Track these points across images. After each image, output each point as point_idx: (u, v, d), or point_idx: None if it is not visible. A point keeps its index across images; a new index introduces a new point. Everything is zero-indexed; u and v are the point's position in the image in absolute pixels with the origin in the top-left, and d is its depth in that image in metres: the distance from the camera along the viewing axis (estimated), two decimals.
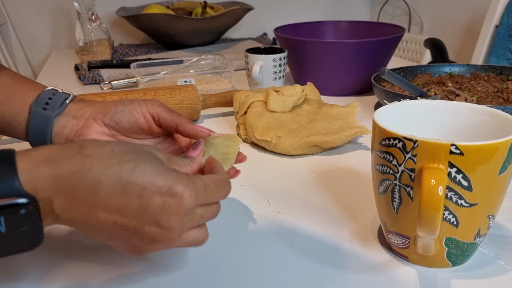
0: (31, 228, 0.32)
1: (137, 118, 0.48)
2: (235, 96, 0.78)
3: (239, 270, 0.43)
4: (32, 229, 0.32)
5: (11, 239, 0.32)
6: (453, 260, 0.42)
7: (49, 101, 0.49)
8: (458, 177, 0.38)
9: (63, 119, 0.49)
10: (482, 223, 0.41)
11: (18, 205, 0.31)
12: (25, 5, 1.56)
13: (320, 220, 0.51)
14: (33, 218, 0.32)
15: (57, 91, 0.51)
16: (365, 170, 0.63)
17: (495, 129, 0.43)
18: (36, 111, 0.49)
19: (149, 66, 1.05)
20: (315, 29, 1.17)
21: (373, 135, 0.43)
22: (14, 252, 0.33)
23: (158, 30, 1.38)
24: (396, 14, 1.90)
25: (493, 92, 0.84)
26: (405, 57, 1.70)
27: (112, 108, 0.48)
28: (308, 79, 0.97)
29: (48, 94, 0.50)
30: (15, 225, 0.31)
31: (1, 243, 0.32)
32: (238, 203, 0.55)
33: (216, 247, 0.47)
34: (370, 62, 0.96)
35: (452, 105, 0.47)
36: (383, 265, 0.44)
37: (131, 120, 0.48)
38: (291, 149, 0.67)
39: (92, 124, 0.48)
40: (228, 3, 1.62)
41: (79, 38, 1.32)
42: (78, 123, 0.49)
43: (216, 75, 1.04)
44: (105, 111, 0.48)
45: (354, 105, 0.75)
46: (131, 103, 0.48)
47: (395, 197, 0.41)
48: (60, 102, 0.49)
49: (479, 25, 1.38)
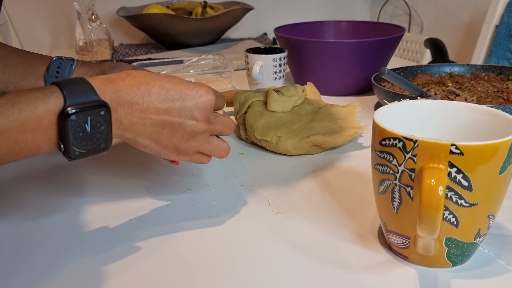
0: (105, 129, 0.42)
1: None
2: (235, 96, 0.78)
3: (239, 270, 0.43)
4: (106, 130, 0.42)
5: (93, 137, 0.42)
6: (453, 260, 0.42)
7: (58, 69, 0.60)
8: (458, 177, 0.38)
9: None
10: (482, 223, 0.41)
11: (99, 107, 0.41)
12: (25, 5, 1.56)
13: (320, 220, 0.51)
14: (107, 119, 0.42)
15: (62, 59, 0.62)
16: (365, 170, 0.63)
17: (495, 129, 0.43)
18: (49, 80, 0.60)
19: (149, 66, 1.05)
20: (315, 29, 1.17)
21: (373, 135, 0.43)
22: (94, 151, 0.42)
23: (158, 30, 1.38)
24: (396, 14, 1.90)
25: (493, 92, 0.84)
26: (405, 57, 1.70)
27: (107, 71, 0.60)
28: (308, 79, 0.96)
29: (57, 63, 0.61)
30: (96, 124, 0.41)
31: (86, 140, 0.41)
32: (238, 203, 0.55)
33: (216, 247, 0.47)
34: (370, 62, 0.96)
35: (452, 105, 0.47)
36: (383, 265, 0.44)
37: None
38: (291, 149, 0.67)
39: None
40: (228, 3, 1.62)
41: (79, 38, 1.32)
42: None
43: (216, 75, 1.04)
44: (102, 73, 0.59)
45: (354, 105, 0.75)
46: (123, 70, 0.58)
47: (395, 197, 0.41)
48: (67, 68, 0.61)
49: (479, 25, 1.38)
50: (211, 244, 0.47)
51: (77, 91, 0.41)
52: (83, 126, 0.41)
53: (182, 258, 0.45)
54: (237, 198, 0.56)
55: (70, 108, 0.39)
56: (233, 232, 0.50)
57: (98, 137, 0.42)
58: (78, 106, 0.40)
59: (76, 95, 0.40)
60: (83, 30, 1.31)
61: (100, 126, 0.42)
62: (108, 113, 0.42)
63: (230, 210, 0.54)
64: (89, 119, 0.41)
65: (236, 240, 0.48)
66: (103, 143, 0.43)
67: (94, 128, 0.41)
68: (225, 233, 0.49)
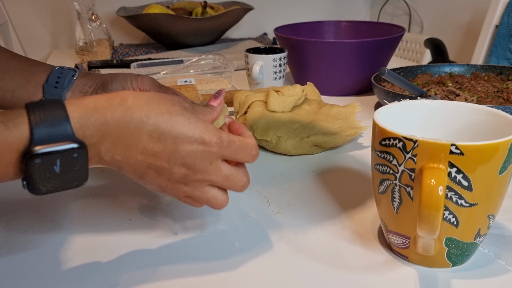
0: (80, 168, 0.37)
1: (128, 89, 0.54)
2: (235, 96, 0.78)
3: (239, 270, 0.43)
4: (81, 169, 0.37)
5: (64, 177, 0.37)
6: (453, 260, 0.42)
7: (58, 79, 0.55)
8: (458, 177, 0.38)
9: (71, 94, 0.55)
10: (482, 223, 0.41)
11: (72, 149, 0.36)
12: (25, 5, 1.56)
13: (320, 220, 0.51)
14: (83, 160, 0.37)
15: (64, 70, 0.56)
16: (365, 170, 0.63)
17: (495, 129, 0.43)
18: (48, 90, 0.54)
19: (149, 66, 1.05)
20: (315, 29, 1.17)
21: (373, 135, 0.43)
22: (64, 188, 0.37)
23: (158, 30, 1.38)
24: (396, 14, 1.90)
25: (493, 92, 0.84)
26: (405, 57, 1.70)
27: (108, 84, 0.54)
28: (308, 79, 0.96)
29: (57, 73, 0.55)
30: (68, 166, 0.36)
31: (55, 180, 0.36)
32: (238, 203, 0.55)
33: (216, 247, 0.47)
34: (370, 62, 0.96)
35: (452, 105, 0.47)
36: (383, 265, 0.44)
37: None
38: (291, 149, 0.67)
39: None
40: (228, 3, 1.62)
41: (79, 38, 1.32)
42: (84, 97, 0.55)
43: (216, 75, 1.04)
44: (104, 86, 0.54)
45: (354, 105, 0.75)
46: (125, 80, 0.54)
47: (395, 197, 0.41)
48: (68, 79, 0.55)
49: (479, 25, 1.38)
50: (211, 244, 0.47)
51: (49, 125, 0.35)
52: (51, 168, 0.35)
53: (182, 258, 0.45)
54: (237, 198, 0.56)
55: (36, 148, 0.34)
56: (233, 232, 0.50)
57: (70, 177, 0.37)
58: (45, 145, 0.34)
59: (46, 131, 0.35)
60: (83, 30, 1.31)
61: (72, 167, 0.36)
62: (84, 153, 0.36)
63: (230, 210, 0.54)
64: (59, 161, 0.35)
65: (236, 240, 0.48)
66: (76, 181, 0.38)
67: (65, 169, 0.36)
68: (225, 233, 0.49)
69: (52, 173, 0.36)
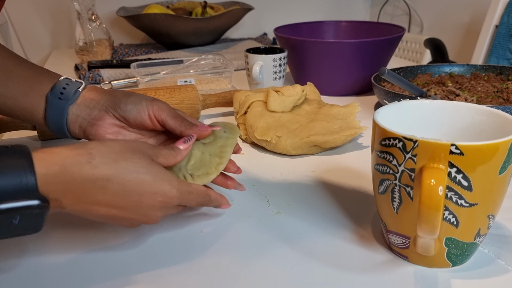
0: (38, 221, 0.37)
1: (144, 119, 0.51)
2: (235, 96, 0.78)
3: (239, 270, 0.43)
4: (38, 223, 0.37)
5: (21, 228, 0.36)
6: (453, 260, 0.42)
7: (63, 90, 0.52)
8: (458, 177, 0.38)
9: (77, 108, 0.52)
10: (482, 223, 0.41)
11: (34, 207, 0.35)
12: (25, 5, 1.56)
13: (320, 220, 0.51)
14: (43, 214, 0.37)
15: (70, 81, 0.53)
16: (365, 170, 0.63)
17: (495, 129, 0.43)
18: (52, 101, 0.52)
19: (149, 66, 1.05)
20: (315, 29, 1.17)
21: (373, 135, 0.43)
22: (19, 235, 0.37)
23: (158, 30, 1.38)
24: (396, 14, 1.90)
25: (493, 92, 0.84)
26: (405, 57, 1.70)
27: (121, 104, 0.51)
28: (308, 79, 0.96)
29: (62, 84, 0.52)
30: (27, 220, 0.36)
31: (12, 230, 0.36)
32: (238, 203, 0.55)
33: (216, 247, 0.47)
34: (370, 62, 0.96)
35: (452, 105, 0.47)
36: (383, 265, 0.44)
37: (138, 119, 0.51)
38: (291, 149, 0.67)
39: (104, 116, 0.51)
40: (228, 3, 1.62)
41: (79, 38, 1.32)
42: (90, 113, 0.52)
43: (216, 75, 1.04)
44: (115, 105, 0.51)
45: (354, 105, 0.75)
46: (140, 103, 0.51)
47: (395, 197, 0.41)
48: (73, 91, 0.52)
49: (479, 25, 1.38)
50: (211, 244, 0.47)
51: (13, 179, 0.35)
52: (9, 222, 0.35)
53: (181, 258, 0.45)
54: (237, 198, 0.56)
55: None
56: (233, 232, 0.50)
57: (27, 227, 0.36)
58: (7, 200, 0.34)
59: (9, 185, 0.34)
60: (83, 30, 1.31)
61: (31, 221, 0.36)
62: (46, 209, 0.36)
63: (230, 210, 0.54)
64: (19, 217, 0.35)
65: (236, 240, 0.48)
66: (32, 231, 0.37)
67: (23, 222, 0.36)
68: (225, 233, 0.49)
69: (9, 225, 0.35)
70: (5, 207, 0.34)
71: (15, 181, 0.35)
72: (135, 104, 0.51)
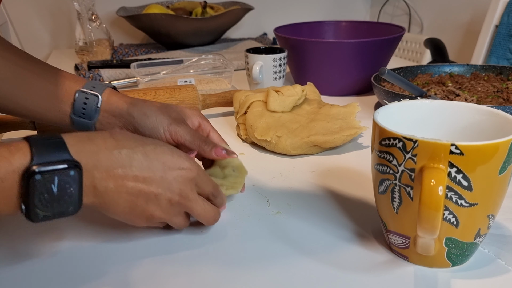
0: (75, 191, 0.38)
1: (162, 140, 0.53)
2: (235, 96, 0.78)
3: (239, 270, 0.43)
4: (75, 193, 0.39)
5: (60, 199, 0.38)
6: (453, 260, 0.42)
7: (83, 110, 0.55)
8: (458, 177, 0.38)
9: (99, 124, 0.56)
10: (482, 223, 0.41)
11: (69, 167, 0.38)
12: (25, 5, 1.56)
13: (320, 220, 0.51)
14: (78, 181, 0.38)
15: (87, 95, 0.55)
16: (365, 170, 0.63)
17: (495, 129, 0.43)
18: (76, 120, 0.56)
19: (149, 66, 1.05)
20: (315, 29, 1.17)
21: (373, 135, 0.43)
22: (60, 214, 0.38)
23: (158, 30, 1.38)
24: (396, 14, 1.90)
25: (493, 92, 0.84)
26: (405, 57, 1.70)
27: (139, 128, 0.54)
28: (308, 79, 0.96)
29: (81, 103, 0.55)
30: (64, 185, 0.38)
31: (52, 203, 0.38)
32: (238, 203, 0.55)
33: (216, 247, 0.47)
34: (370, 62, 0.96)
35: (452, 105, 0.47)
36: (383, 265, 0.44)
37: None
38: (291, 149, 0.67)
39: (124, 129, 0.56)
40: (228, 3, 1.62)
41: (79, 38, 1.32)
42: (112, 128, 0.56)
43: (216, 75, 1.04)
44: (134, 128, 0.54)
45: (354, 105, 0.75)
46: (158, 131, 0.53)
47: (395, 197, 0.41)
48: (93, 109, 0.55)
49: (479, 25, 1.38)
50: (211, 244, 0.47)
51: (48, 148, 0.38)
52: (49, 187, 0.37)
53: (181, 258, 0.45)
54: (237, 198, 0.56)
55: (36, 167, 0.36)
56: (233, 232, 0.50)
57: (66, 200, 0.38)
58: (45, 164, 0.37)
59: (45, 153, 0.37)
60: (83, 30, 1.31)
61: (69, 187, 0.38)
62: (80, 174, 0.38)
63: (230, 210, 0.54)
64: (57, 179, 0.37)
65: (236, 240, 0.48)
66: (71, 206, 0.39)
67: (62, 190, 0.38)
68: (224, 233, 0.49)
69: (50, 194, 0.37)
70: (42, 169, 0.36)
71: (47, 149, 0.38)
72: (153, 130, 0.53)
